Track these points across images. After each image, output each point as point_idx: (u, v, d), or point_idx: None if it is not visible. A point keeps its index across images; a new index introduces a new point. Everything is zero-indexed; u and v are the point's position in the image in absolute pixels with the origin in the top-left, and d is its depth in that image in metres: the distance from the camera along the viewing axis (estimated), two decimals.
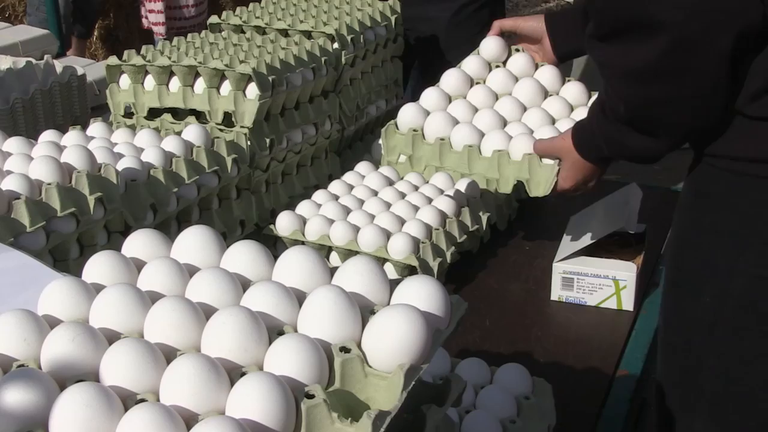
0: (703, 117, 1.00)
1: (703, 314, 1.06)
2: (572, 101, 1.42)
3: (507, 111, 1.41)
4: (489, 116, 1.40)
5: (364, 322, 0.65)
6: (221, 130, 1.45)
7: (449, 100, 1.45)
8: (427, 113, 1.40)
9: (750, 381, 1.08)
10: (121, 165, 1.22)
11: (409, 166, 1.48)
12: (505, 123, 1.39)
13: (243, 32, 1.73)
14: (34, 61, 1.84)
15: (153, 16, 3.26)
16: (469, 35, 1.88)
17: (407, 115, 1.42)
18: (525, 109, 1.41)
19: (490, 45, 1.47)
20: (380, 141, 1.51)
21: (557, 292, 1.36)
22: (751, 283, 1.02)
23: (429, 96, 1.45)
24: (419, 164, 1.45)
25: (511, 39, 1.51)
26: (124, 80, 1.52)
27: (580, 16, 1.32)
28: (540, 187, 1.29)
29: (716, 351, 1.07)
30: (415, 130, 1.41)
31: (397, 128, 1.44)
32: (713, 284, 1.05)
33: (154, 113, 1.52)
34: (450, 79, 1.46)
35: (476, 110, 1.41)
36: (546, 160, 1.27)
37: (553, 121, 1.38)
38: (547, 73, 1.45)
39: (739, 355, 1.06)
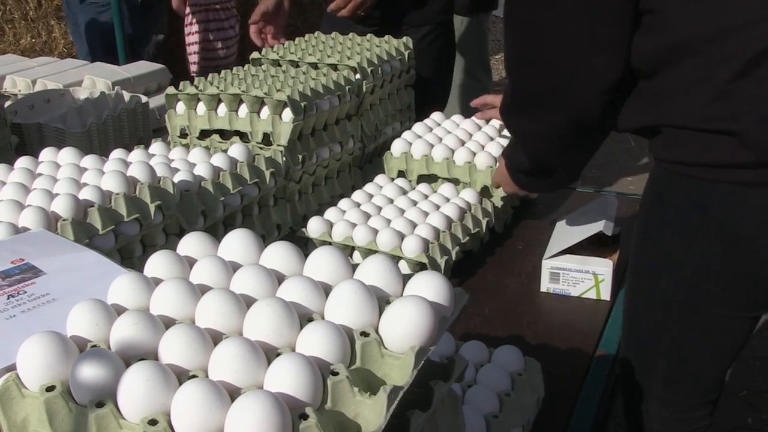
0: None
1: (661, 296, 1.06)
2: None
3: (462, 135, 1.62)
4: (452, 139, 1.60)
5: (381, 311, 0.64)
6: (261, 148, 1.46)
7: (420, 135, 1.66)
8: (409, 143, 1.61)
9: (698, 355, 1.07)
10: (176, 178, 1.22)
11: (418, 179, 1.58)
12: (463, 143, 1.60)
13: (279, 65, 1.73)
14: (106, 91, 1.85)
15: (191, 56, 3.39)
16: (429, 60, 2.03)
17: (396, 144, 1.62)
18: (471, 135, 1.63)
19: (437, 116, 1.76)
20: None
21: (546, 285, 1.35)
22: (697, 271, 1.02)
23: (410, 133, 1.66)
24: (412, 174, 1.59)
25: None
26: (180, 107, 1.53)
27: None
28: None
29: (670, 328, 1.07)
30: (405, 152, 1.59)
31: (392, 154, 1.60)
32: (668, 272, 1.05)
33: (204, 134, 1.53)
34: (417, 126, 1.69)
35: (440, 138, 1.61)
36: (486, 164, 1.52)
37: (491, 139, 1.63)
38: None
39: (690, 332, 1.06)
